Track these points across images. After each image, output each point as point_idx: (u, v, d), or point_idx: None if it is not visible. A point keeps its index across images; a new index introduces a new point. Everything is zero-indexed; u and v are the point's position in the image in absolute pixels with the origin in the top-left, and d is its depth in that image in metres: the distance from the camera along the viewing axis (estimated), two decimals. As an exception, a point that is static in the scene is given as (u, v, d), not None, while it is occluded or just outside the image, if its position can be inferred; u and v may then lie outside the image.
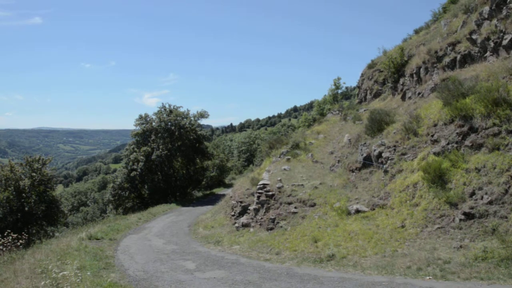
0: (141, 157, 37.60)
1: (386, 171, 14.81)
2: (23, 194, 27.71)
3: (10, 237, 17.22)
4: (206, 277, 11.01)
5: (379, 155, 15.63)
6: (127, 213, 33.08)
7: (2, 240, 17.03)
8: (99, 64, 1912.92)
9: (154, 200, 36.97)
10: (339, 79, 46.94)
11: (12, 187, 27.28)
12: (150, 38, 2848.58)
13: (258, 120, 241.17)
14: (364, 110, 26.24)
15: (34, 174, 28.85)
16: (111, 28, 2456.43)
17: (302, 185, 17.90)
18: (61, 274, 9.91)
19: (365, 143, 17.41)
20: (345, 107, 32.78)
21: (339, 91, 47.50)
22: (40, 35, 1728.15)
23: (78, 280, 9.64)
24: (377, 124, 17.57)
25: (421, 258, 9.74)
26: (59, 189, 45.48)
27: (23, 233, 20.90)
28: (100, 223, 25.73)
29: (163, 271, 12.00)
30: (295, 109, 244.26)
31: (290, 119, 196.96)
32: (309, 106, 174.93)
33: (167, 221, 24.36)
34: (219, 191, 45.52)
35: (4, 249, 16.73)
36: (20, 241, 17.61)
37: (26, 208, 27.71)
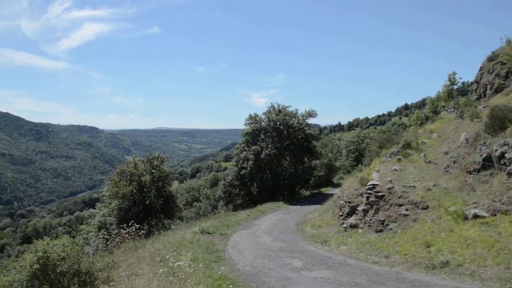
0: (251, 156, 38.78)
1: (509, 174, 13.55)
2: (145, 189, 30.01)
3: (134, 227, 19.24)
4: (313, 276, 11.06)
5: (502, 155, 14.33)
6: (237, 210, 34.41)
7: (128, 229, 19.09)
8: (210, 67, 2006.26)
9: (262, 198, 37.83)
10: (454, 74, 43.85)
11: (136, 182, 29.70)
12: (259, 38, 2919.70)
13: (367, 119, 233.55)
14: (484, 107, 24.17)
15: (154, 170, 31.07)
16: (221, 29, 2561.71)
17: (413, 186, 17.08)
18: (176, 264, 10.78)
19: (484, 143, 16.09)
20: (462, 104, 30.51)
21: (455, 86, 44.35)
22: (158, 43, 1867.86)
23: (192, 270, 10.37)
24: (499, 122, 16.08)
25: (554, 273, 8.74)
26: (174, 185, 48.74)
27: (144, 224, 22.95)
28: (212, 219, 27.20)
29: (271, 267, 12.30)
30: (406, 107, 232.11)
31: (400, 118, 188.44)
32: (421, 104, 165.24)
33: (275, 219, 24.85)
34: (326, 190, 45.20)
35: (129, 237, 18.80)
36: (142, 231, 19.56)
37: (147, 202, 29.99)
